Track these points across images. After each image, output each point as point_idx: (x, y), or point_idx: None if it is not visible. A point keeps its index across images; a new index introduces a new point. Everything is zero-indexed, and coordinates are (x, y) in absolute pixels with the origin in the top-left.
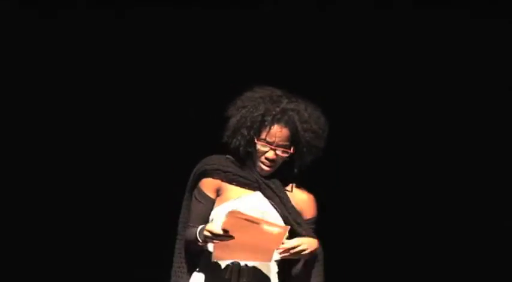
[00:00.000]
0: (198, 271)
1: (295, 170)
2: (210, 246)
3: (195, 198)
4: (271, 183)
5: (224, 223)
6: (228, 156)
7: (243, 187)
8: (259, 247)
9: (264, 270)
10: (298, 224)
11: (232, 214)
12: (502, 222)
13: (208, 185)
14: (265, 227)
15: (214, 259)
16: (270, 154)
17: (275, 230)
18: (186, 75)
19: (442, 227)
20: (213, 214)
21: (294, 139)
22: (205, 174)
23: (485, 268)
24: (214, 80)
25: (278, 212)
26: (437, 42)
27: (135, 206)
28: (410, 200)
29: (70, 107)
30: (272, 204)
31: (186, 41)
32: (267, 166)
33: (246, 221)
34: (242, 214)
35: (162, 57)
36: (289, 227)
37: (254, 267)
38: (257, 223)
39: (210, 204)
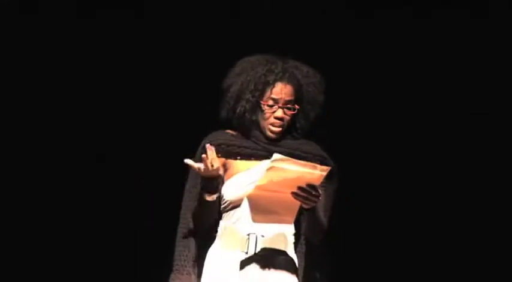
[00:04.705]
0: (215, 246)
1: (301, 127)
2: (222, 221)
3: None
4: (281, 146)
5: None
6: (227, 130)
7: (250, 159)
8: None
9: (281, 241)
10: None
11: (273, 166)
12: (502, 222)
13: None
14: (307, 171)
15: (253, 221)
16: (279, 113)
17: (316, 173)
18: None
19: (440, 227)
20: (224, 189)
21: (297, 95)
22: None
23: (485, 268)
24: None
25: None
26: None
27: (152, 205)
28: (410, 199)
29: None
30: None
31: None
32: (277, 126)
33: (285, 171)
34: (282, 162)
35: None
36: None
37: (271, 238)
38: (299, 168)
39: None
